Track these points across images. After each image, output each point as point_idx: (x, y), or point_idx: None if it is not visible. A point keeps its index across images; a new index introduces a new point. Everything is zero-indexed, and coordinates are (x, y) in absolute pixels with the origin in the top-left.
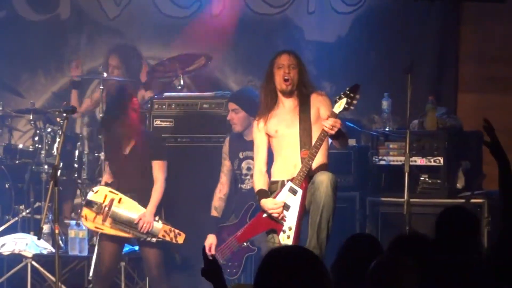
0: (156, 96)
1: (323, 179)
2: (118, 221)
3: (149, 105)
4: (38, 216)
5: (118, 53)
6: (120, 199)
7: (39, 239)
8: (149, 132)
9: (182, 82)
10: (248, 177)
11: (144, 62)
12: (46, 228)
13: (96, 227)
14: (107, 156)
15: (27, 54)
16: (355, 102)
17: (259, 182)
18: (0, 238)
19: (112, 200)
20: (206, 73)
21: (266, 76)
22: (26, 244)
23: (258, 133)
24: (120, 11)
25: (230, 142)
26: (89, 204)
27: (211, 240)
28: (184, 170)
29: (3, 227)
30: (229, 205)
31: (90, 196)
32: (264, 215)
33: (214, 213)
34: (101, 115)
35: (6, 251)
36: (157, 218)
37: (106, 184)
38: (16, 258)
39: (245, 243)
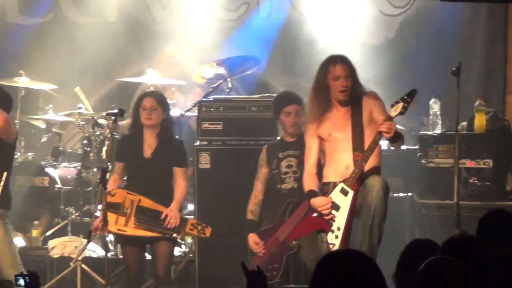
0: (204, 99)
1: (375, 183)
2: (142, 220)
3: (197, 108)
4: (87, 219)
5: (161, 60)
6: (140, 199)
7: (88, 242)
8: (174, 137)
9: (230, 85)
10: (289, 175)
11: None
12: None
13: (118, 230)
14: (120, 158)
15: (75, 57)
16: (408, 106)
17: (309, 183)
18: (50, 241)
19: (132, 201)
20: (254, 75)
21: (319, 85)
22: (75, 247)
23: (311, 136)
24: (168, 14)
25: (268, 148)
26: (110, 206)
27: (253, 238)
28: (232, 172)
29: (52, 230)
30: (263, 211)
31: (109, 199)
32: (314, 214)
33: (250, 216)
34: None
35: (56, 254)
36: (180, 214)
37: (119, 187)
38: (66, 261)
39: (286, 240)
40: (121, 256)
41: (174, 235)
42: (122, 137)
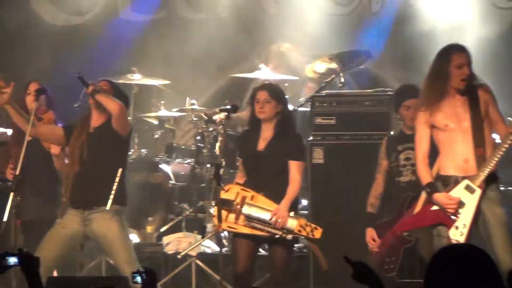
0: (317, 94)
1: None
2: (251, 219)
3: (310, 103)
4: (201, 215)
5: (273, 55)
6: (253, 196)
7: (202, 237)
8: (292, 130)
9: (342, 80)
10: (407, 167)
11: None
12: (209, 226)
13: (229, 227)
14: (239, 154)
15: (189, 54)
16: None
17: (426, 174)
18: (164, 237)
19: (244, 198)
20: (367, 70)
21: (439, 73)
22: (190, 243)
23: (423, 125)
24: (280, 9)
25: (388, 142)
26: (222, 203)
27: (371, 233)
28: (345, 167)
29: (167, 226)
30: (383, 204)
31: (223, 194)
32: (433, 208)
33: (370, 209)
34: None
35: (170, 250)
36: (292, 213)
37: (237, 183)
38: (181, 257)
39: (404, 233)
40: None
41: (284, 235)
42: (242, 133)
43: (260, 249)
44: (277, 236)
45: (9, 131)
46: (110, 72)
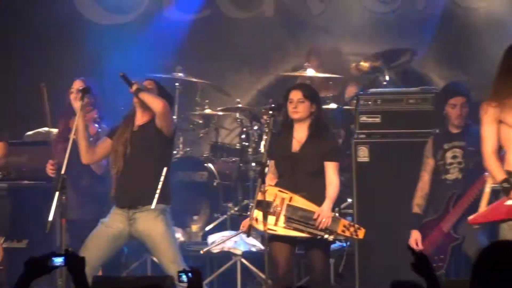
0: (362, 92)
1: None
2: (293, 220)
3: (355, 101)
4: (246, 214)
5: (318, 54)
6: (291, 197)
7: (248, 236)
8: (326, 130)
9: (387, 78)
10: (454, 165)
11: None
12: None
13: (268, 229)
14: (272, 155)
15: (232, 52)
16: None
17: (499, 170)
18: (209, 236)
19: (283, 200)
20: (411, 68)
21: (510, 67)
22: (235, 242)
23: (491, 120)
24: (325, 7)
25: (434, 139)
26: (259, 204)
27: (415, 236)
28: (390, 165)
29: (212, 225)
30: (429, 203)
31: (259, 196)
32: (507, 202)
33: (416, 209)
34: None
35: (215, 249)
36: (333, 214)
37: (270, 185)
38: (226, 255)
39: (451, 231)
40: None
41: (326, 236)
42: (273, 134)
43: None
44: (319, 237)
45: (54, 131)
46: (154, 71)
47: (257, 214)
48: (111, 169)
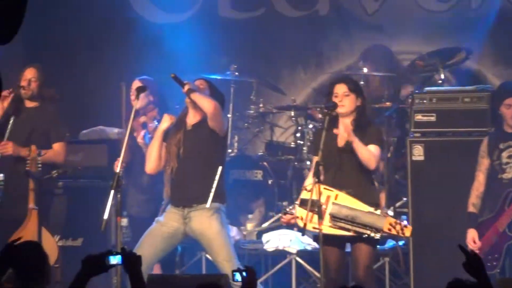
0: (417, 91)
1: None
2: (338, 218)
3: (410, 100)
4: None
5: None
6: (337, 195)
7: (303, 235)
8: (370, 125)
9: (442, 76)
10: (510, 165)
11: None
12: None
13: (314, 228)
14: (314, 151)
15: (287, 51)
16: None
17: None
18: (264, 235)
19: (328, 197)
20: (466, 66)
21: None
22: (290, 240)
23: None
24: (379, 6)
25: (489, 139)
26: (304, 203)
27: (472, 234)
28: (445, 164)
29: (267, 223)
30: (484, 202)
31: (304, 194)
32: None
33: (471, 209)
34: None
35: (270, 247)
36: (378, 211)
37: (318, 182)
38: (281, 254)
39: (507, 230)
40: None
41: (372, 234)
42: (317, 129)
43: None
44: (365, 235)
45: (114, 130)
46: (209, 70)
47: (301, 212)
48: (165, 169)
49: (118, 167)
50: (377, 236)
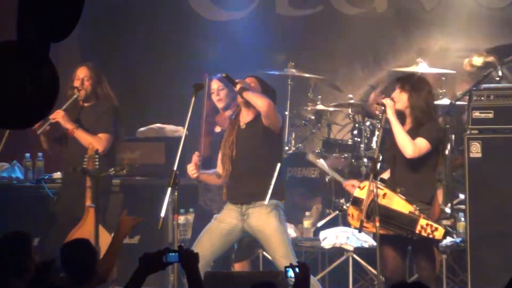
0: (474, 88)
1: None
2: (381, 218)
3: (467, 97)
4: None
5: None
6: (385, 194)
7: (360, 232)
8: (430, 122)
9: (500, 73)
10: None
11: None
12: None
13: (363, 226)
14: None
15: (345, 48)
16: None
17: None
18: (321, 232)
19: (378, 196)
20: None
21: None
22: (347, 238)
23: None
24: (437, 2)
25: None
26: (355, 201)
27: None
28: (504, 161)
29: (324, 220)
30: None
31: (356, 192)
32: None
33: None
34: None
35: (327, 244)
36: (412, 208)
37: (381, 180)
38: (338, 251)
39: None
40: None
41: (409, 236)
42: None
43: None
44: (403, 236)
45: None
46: (267, 67)
47: (352, 210)
48: (221, 171)
49: (175, 166)
50: (414, 237)
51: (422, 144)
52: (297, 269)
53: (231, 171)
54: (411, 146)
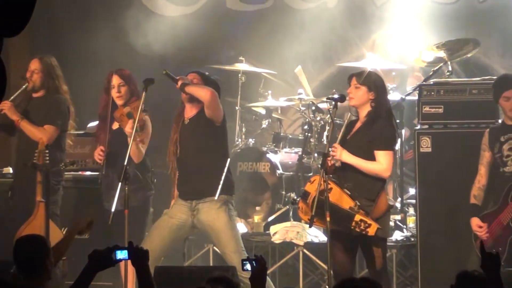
0: (425, 83)
1: None
2: (322, 212)
3: (417, 92)
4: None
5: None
6: (331, 189)
7: (310, 227)
8: (380, 119)
9: (450, 68)
10: (511, 157)
11: None
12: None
13: (308, 219)
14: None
15: (294, 43)
16: None
17: None
18: (272, 227)
19: (322, 191)
20: (474, 58)
21: None
22: (297, 233)
23: None
24: None
25: (490, 132)
26: (304, 195)
27: (475, 222)
28: (453, 156)
29: (274, 215)
30: (486, 195)
31: (307, 186)
32: None
33: (473, 200)
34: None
35: (278, 239)
36: (353, 204)
37: (325, 174)
38: (288, 246)
39: (510, 223)
40: None
41: (342, 230)
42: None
43: None
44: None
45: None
46: (217, 62)
47: (302, 204)
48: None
49: (125, 161)
50: (354, 233)
51: (387, 159)
52: (254, 262)
53: (178, 169)
54: (383, 170)
